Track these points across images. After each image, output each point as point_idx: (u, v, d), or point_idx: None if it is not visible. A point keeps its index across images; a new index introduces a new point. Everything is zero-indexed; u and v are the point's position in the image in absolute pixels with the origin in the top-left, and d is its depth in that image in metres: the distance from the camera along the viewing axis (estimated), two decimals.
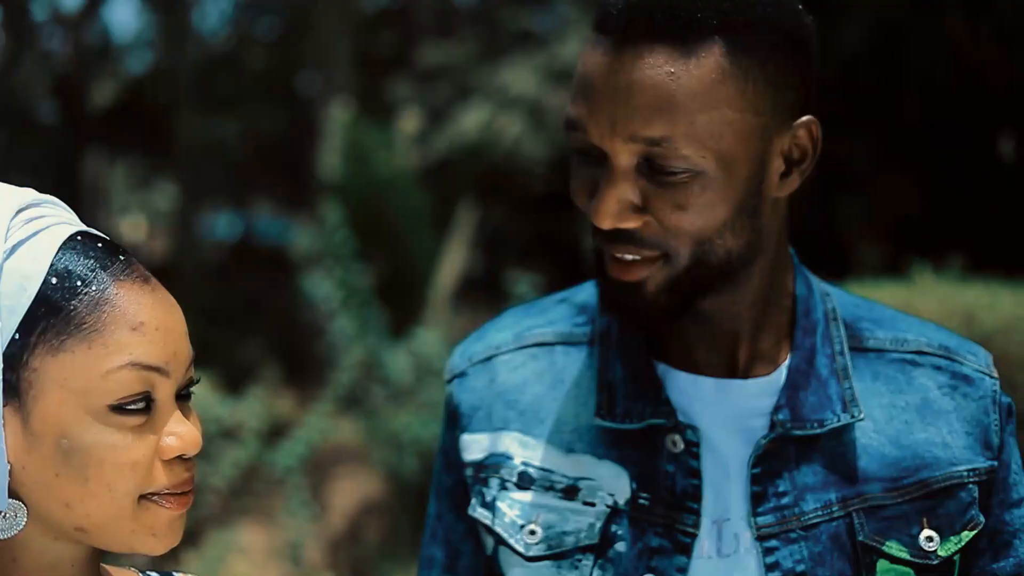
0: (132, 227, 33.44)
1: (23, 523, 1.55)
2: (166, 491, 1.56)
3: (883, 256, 13.25)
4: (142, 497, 1.55)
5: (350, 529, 10.44)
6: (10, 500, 1.54)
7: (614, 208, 1.78)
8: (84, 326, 1.52)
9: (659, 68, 1.74)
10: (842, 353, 1.93)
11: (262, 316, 16.88)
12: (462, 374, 2.06)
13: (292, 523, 8.88)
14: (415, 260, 12.91)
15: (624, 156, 1.77)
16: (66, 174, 23.48)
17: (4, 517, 1.54)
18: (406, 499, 9.34)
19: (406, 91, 19.63)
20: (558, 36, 17.86)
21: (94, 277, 1.54)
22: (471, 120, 17.22)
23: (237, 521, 9.50)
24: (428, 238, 13.16)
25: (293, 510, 8.98)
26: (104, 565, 1.76)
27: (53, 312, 1.51)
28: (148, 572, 1.84)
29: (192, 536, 9.07)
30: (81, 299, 1.52)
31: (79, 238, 1.57)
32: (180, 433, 1.57)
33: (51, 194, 1.64)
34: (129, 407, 1.53)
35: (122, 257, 1.58)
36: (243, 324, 16.73)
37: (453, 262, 13.31)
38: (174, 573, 1.87)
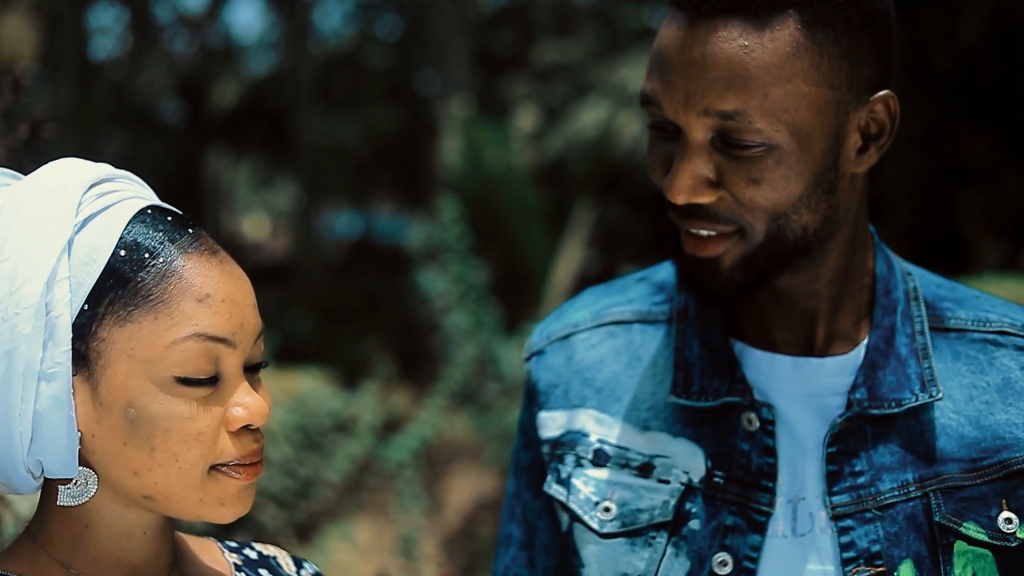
0: (254, 226, 33.87)
1: (94, 490, 1.58)
2: (235, 462, 1.58)
3: (1003, 252, 13.03)
4: (211, 468, 1.58)
5: (464, 525, 10.49)
6: (81, 468, 1.57)
7: (688, 183, 1.77)
8: (151, 298, 1.54)
9: (733, 42, 1.73)
10: (922, 332, 1.90)
11: (380, 313, 16.99)
12: (540, 352, 2.06)
13: (405, 518, 8.93)
14: (529, 257, 12.93)
15: (698, 130, 1.76)
16: (189, 174, 23.86)
17: (75, 484, 1.58)
18: None
19: (523, 89, 19.65)
20: None
21: (162, 250, 1.56)
22: (589, 118, 17.19)
23: (351, 515, 9.58)
24: (543, 235, 13.18)
25: (406, 505, 9.03)
26: (180, 534, 1.79)
27: (121, 284, 1.54)
28: (226, 542, 1.87)
29: (306, 529, 9.17)
30: (148, 271, 1.55)
31: (149, 212, 1.60)
32: (247, 404, 1.58)
33: (175, 194, 1.68)
34: (195, 377, 1.55)
35: (191, 230, 1.60)
36: (361, 321, 16.86)
37: (569, 259, 13.30)
38: (253, 543, 1.90)
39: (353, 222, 28.93)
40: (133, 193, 1.62)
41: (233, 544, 1.88)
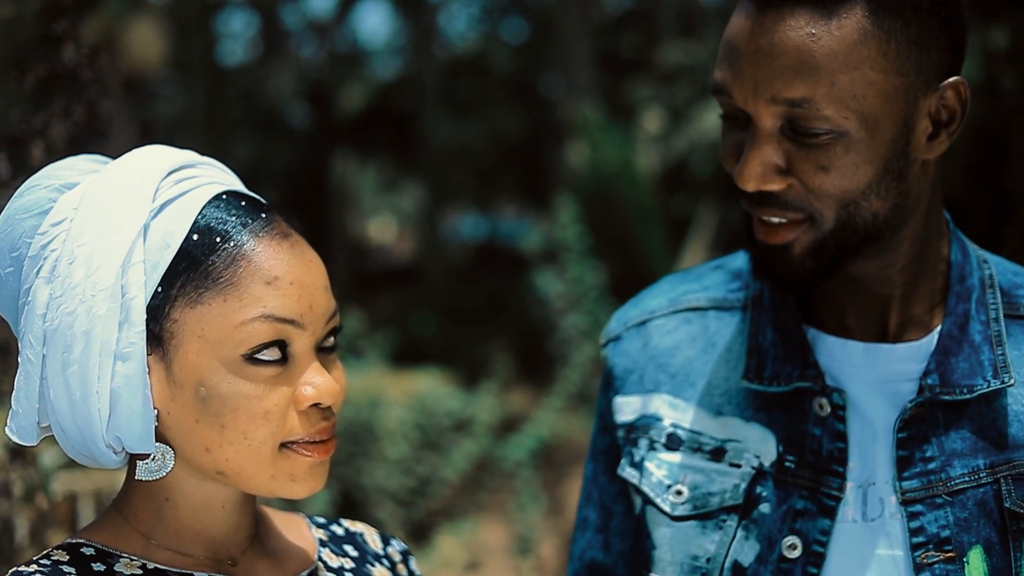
0: (381, 229, 34.16)
1: (171, 465, 1.65)
2: (305, 440, 1.63)
3: None
4: (282, 445, 1.63)
5: None
6: (158, 444, 1.64)
7: (758, 170, 1.80)
8: (221, 280, 1.60)
9: (800, 30, 1.75)
10: (997, 320, 1.90)
11: (503, 315, 17.08)
12: (617, 338, 2.09)
13: (522, 518, 8.97)
14: (648, 258, 12.90)
15: (767, 118, 1.78)
16: (316, 177, 24.13)
17: (153, 459, 1.64)
18: None
19: (647, 91, 19.62)
20: None
21: (233, 234, 1.62)
22: (712, 119, 17.09)
23: (468, 514, 9.64)
24: (662, 237, 13.15)
25: (524, 505, 9.07)
26: (266, 508, 1.85)
27: (193, 267, 1.61)
28: (314, 518, 1.93)
29: (423, 528, 9.25)
30: (219, 254, 1.61)
31: (224, 197, 1.66)
32: (316, 383, 1.63)
33: (302, 197, 1.75)
34: (263, 358, 1.60)
35: (263, 215, 1.66)
36: (484, 323, 16.96)
37: (691, 261, 13.25)
38: (341, 520, 1.95)
39: (478, 225, 29.07)
40: (211, 179, 1.68)
41: (321, 520, 1.93)
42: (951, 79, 1.82)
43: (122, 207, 1.61)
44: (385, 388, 10.14)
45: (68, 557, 1.63)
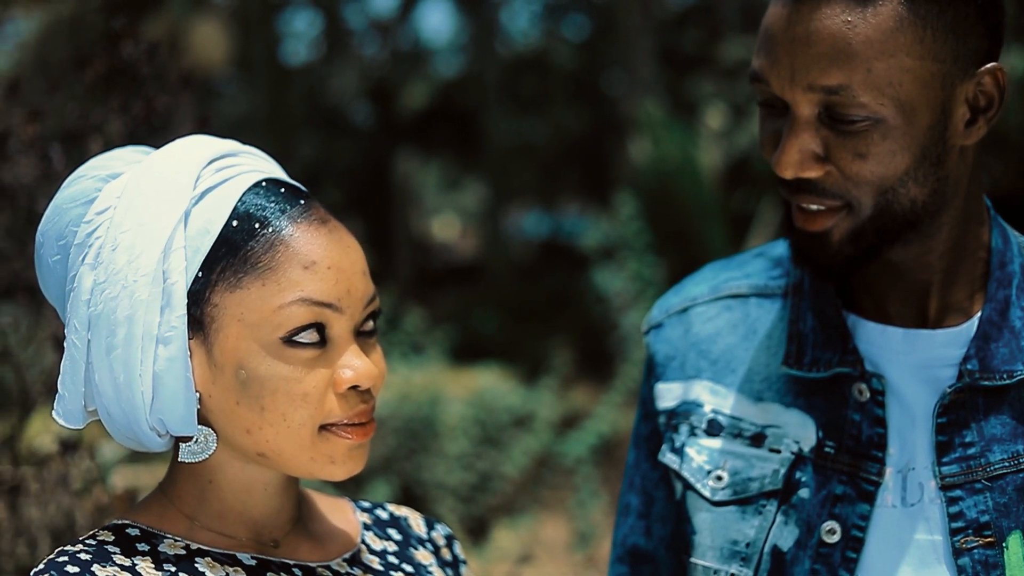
0: (444, 226, 34.24)
1: (214, 447, 1.68)
2: (344, 422, 1.66)
3: None
4: (322, 428, 1.66)
5: None
6: (201, 427, 1.67)
7: (796, 158, 1.81)
8: (259, 265, 1.64)
9: (836, 17, 1.76)
10: None
11: (565, 312, 17.09)
12: (659, 325, 2.11)
13: (583, 514, 8.98)
14: (709, 255, 12.85)
15: (804, 106, 1.79)
16: (379, 175, 24.24)
17: (196, 442, 1.68)
18: None
19: (710, 88, 19.57)
20: None
21: (272, 220, 1.66)
22: None
23: (528, 510, 9.66)
24: (723, 233, 13.11)
25: (584, 501, 9.08)
26: (310, 491, 1.88)
27: (232, 252, 1.64)
28: (359, 502, 1.96)
29: (482, 523, 9.28)
30: (258, 240, 1.64)
31: (263, 184, 1.69)
32: (355, 366, 1.66)
33: (365, 195, 1.79)
34: (301, 340, 1.63)
35: (302, 201, 1.69)
36: (547, 320, 16.97)
37: None
38: (386, 504, 1.98)
39: (540, 222, 29.08)
40: (251, 167, 1.72)
41: (366, 504, 1.96)
42: (988, 65, 1.82)
43: (164, 195, 1.65)
44: (445, 384, 10.18)
45: (113, 537, 1.67)
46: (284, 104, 21.86)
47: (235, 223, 1.65)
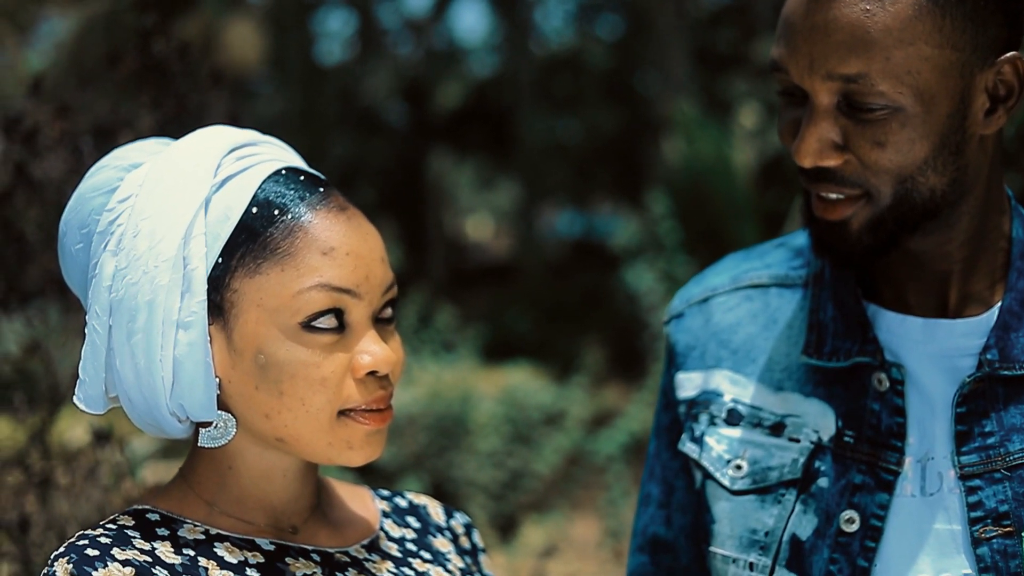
0: (477, 226, 34.27)
1: (233, 432, 1.70)
2: (362, 407, 1.68)
3: None
4: (340, 413, 1.67)
5: None
6: (221, 412, 1.69)
7: (815, 146, 1.81)
8: (278, 251, 1.65)
9: (855, 6, 1.76)
10: None
11: (598, 311, 17.09)
12: (679, 315, 2.11)
13: (614, 512, 8.98)
14: None
15: (823, 94, 1.79)
16: (413, 175, 24.28)
17: (216, 427, 1.69)
18: None
19: (743, 87, 19.55)
20: None
21: (291, 207, 1.67)
22: None
23: (559, 507, 9.67)
24: (755, 232, 13.08)
25: (614, 499, 9.08)
26: (330, 479, 1.89)
27: (252, 238, 1.66)
28: (379, 490, 1.97)
29: (512, 521, 9.29)
30: (277, 226, 1.66)
31: (283, 172, 1.71)
32: (373, 352, 1.68)
33: (399, 195, 1.81)
34: (320, 326, 1.65)
35: (321, 189, 1.71)
36: (580, 319, 16.98)
37: None
38: (405, 492, 2.00)
39: (574, 222, 29.06)
40: (271, 156, 1.73)
41: (385, 492, 1.98)
42: (1008, 54, 1.81)
43: (184, 182, 1.67)
44: (477, 382, 10.20)
45: (133, 522, 1.68)
46: (318, 104, 21.92)
47: (255, 210, 1.67)
